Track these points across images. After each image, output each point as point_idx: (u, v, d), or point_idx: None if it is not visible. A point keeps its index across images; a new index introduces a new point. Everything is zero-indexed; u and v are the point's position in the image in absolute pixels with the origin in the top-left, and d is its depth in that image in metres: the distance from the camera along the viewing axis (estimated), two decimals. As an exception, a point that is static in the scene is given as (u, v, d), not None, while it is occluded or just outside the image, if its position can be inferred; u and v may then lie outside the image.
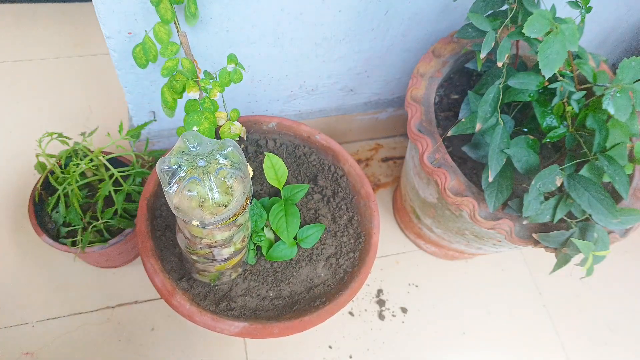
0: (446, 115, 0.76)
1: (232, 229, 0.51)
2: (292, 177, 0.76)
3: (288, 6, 0.67)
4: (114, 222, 0.74)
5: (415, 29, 0.81)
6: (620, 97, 0.52)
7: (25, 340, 0.81)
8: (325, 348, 0.86)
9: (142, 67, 0.60)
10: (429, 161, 0.66)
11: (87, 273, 0.88)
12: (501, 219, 0.62)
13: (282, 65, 0.79)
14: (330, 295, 0.65)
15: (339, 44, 0.78)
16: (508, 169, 0.61)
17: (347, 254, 0.70)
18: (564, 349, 0.92)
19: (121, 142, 0.80)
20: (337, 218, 0.73)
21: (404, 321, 0.91)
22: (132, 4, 0.59)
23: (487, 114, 0.60)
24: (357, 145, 1.10)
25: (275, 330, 0.60)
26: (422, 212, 0.83)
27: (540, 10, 0.52)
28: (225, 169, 0.42)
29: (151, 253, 0.63)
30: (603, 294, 0.99)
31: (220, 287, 0.66)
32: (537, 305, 0.96)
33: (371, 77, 0.91)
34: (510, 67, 0.62)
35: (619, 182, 0.55)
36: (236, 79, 0.63)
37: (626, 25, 0.97)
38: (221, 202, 0.42)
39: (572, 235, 0.59)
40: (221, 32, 0.68)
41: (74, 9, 1.19)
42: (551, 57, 0.52)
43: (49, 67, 1.10)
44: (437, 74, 0.73)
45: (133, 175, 0.75)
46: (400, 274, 0.96)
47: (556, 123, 0.61)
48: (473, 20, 0.59)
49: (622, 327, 0.96)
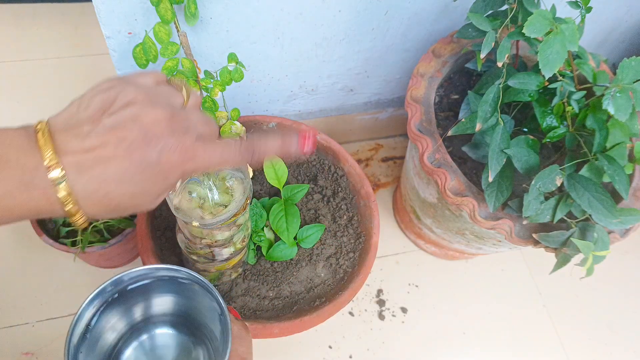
0: (446, 115, 0.76)
1: (232, 229, 0.51)
2: (292, 177, 0.76)
3: (288, 6, 0.67)
4: (114, 222, 0.74)
5: (415, 29, 0.81)
6: (620, 97, 0.52)
7: (25, 340, 0.81)
8: (325, 348, 0.86)
9: (142, 67, 0.60)
10: (429, 161, 0.66)
11: (87, 273, 0.88)
12: (501, 219, 0.62)
13: (282, 65, 0.79)
14: (330, 295, 0.65)
15: (339, 44, 0.78)
16: (508, 169, 0.61)
17: (347, 254, 0.70)
18: (564, 349, 0.92)
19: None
20: (337, 218, 0.73)
21: (404, 321, 0.91)
22: (132, 4, 0.59)
23: (487, 114, 0.60)
24: (357, 145, 1.10)
25: (275, 330, 0.60)
26: (422, 212, 0.83)
27: (540, 10, 0.52)
28: (225, 170, 0.42)
29: (151, 253, 0.63)
30: (603, 294, 0.99)
31: (220, 287, 0.66)
32: (537, 305, 0.96)
33: (371, 77, 0.91)
34: (510, 67, 0.62)
35: (619, 182, 0.55)
36: (237, 77, 0.63)
37: (626, 25, 0.97)
38: (221, 202, 0.42)
39: (572, 235, 0.59)
40: (221, 32, 0.68)
41: (74, 9, 1.19)
42: (551, 57, 0.52)
43: (49, 67, 1.10)
44: (437, 74, 0.73)
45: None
46: (400, 274, 0.96)
47: (556, 123, 0.61)
48: (473, 20, 0.59)
49: (622, 327, 0.96)
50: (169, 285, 0.48)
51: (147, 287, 0.47)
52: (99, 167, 0.31)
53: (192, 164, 0.34)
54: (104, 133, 0.31)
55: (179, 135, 0.33)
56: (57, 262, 0.88)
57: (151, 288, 0.48)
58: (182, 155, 0.33)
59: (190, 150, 0.34)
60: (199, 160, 0.34)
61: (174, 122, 0.33)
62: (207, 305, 0.46)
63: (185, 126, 0.34)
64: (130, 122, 0.32)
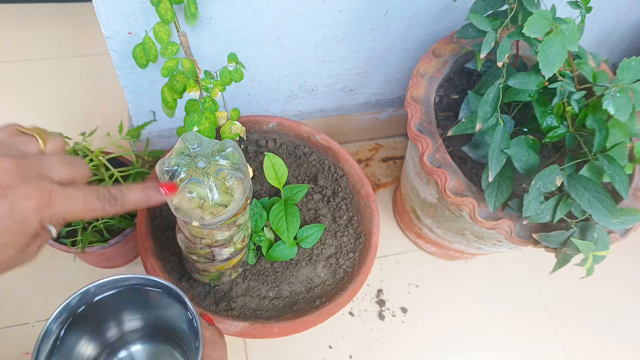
0: (446, 115, 0.76)
1: (232, 229, 0.51)
2: (292, 177, 0.76)
3: (288, 6, 0.67)
4: (114, 222, 0.74)
5: (415, 29, 0.81)
6: (620, 97, 0.52)
7: (25, 340, 0.81)
8: (325, 348, 0.86)
9: (142, 67, 0.60)
10: (429, 161, 0.66)
11: (87, 273, 0.88)
12: (501, 219, 0.62)
13: (282, 65, 0.79)
14: (330, 295, 0.65)
15: (339, 44, 0.78)
16: (508, 169, 0.61)
17: (347, 254, 0.70)
18: (564, 349, 0.92)
19: (121, 142, 0.80)
20: (337, 218, 0.73)
21: (404, 321, 0.91)
22: (132, 4, 0.59)
23: (487, 114, 0.60)
24: (357, 145, 1.10)
25: (275, 330, 0.60)
26: (422, 212, 0.83)
27: (540, 10, 0.52)
28: (225, 170, 0.42)
29: (151, 253, 0.63)
30: (603, 294, 0.99)
31: (220, 287, 0.66)
32: (537, 305, 0.96)
33: (371, 77, 0.91)
34: (510, 67, 0.62)
35: (619, 182, 0.55)
36: (237, 77, 0.63)
37: (626, 25, 0.97)
38: (221, 202, 0.42)
39: (572, 235, 0.59)
40: (221, 32, 0.68)
41: (74, 9, 1.19)
42: (551, 57, 0.52)
43: (49, 67, 1.10)
44: (437, 74, 0.73)
45: (133, 175, 0.75)
46: (400, 274, 0.96)
47: (556, 123, 0.61)
48: (473, 20, 0.59)
49: (622, 327, 0.96)
50: (139, 295, 0.46)
51: (117, 299, 0.45)
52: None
53: (51, 210, 0.33)
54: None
55: (32, 181, 0.32)
56: (57, 262, 0.88)
57: (121, 299, 0.46)
58: (36, 202, 0.32)
59: (45, 195, 0.32)
60: (59, 206, 0.33)
61: (25, 169, 0.32)
62: (179, 312, 0.45)
63: (38, 171, 0.33)
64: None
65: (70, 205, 0.34)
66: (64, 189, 0.34)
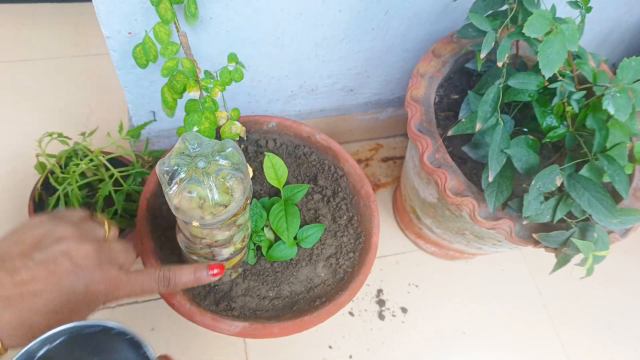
0: (446, 115, 0.76)
1: (232, 229, 0.51)
2: (292, 177, 0.76)
3: (288, 6, 0.67)
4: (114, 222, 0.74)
5: (415, 29, 0.81)
6: (620, 97, 0.52)
7: None
8: (325, 348, 0.86)
9: (142, 67, 0.60)
10: (429, 161, 0.66)
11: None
12: (501, 219, 0.62)
13: (282, 65, 0.79)
14: (330, 295, 0.65)
15: (339, 44, 0.78)
16: (508, 169, 0.61)
17: (347, 254, 0.70)
18: (564, 349, 0.92)
19: (121, 142, 0.80)
20: (337, 218, 0.73)
21: (404, 321, 0.91)
22: (132, 4, 0.59)
23: (487, 114, 0.60)
24: (357, 145, 1.10)
25: (275, 330, 0.60)
26: (422, 212, 0.83)
27: (540, 10, 0.52)
28: (225, 170, 0.42)
29: (151, 253, 0.63)
30: (603, 294, 0.99)
31: (220, 287, 0.66)
32: (537, 305, 0.96)
33: (371, 77, 0.91)
34: (510, 67, 0.62)
35: (619, 182, 0.55)
36: (237, 77, 0.63)
37: (626, 25, 0.97)
38: (221, 202, 0.42)
39: (572, 235, 0.59)
40: (221, 32, 0.68)
41: (74, 9, 1.19)
42: (551, 57, 0.52)
43: (49, 67, 1.10)
44: (437, 74, 0.73)
45: (133, 175, 0.75)
46: (400, 274, 0.96)
47: (556, 123, 0.61)
48: (473, 20, 0.59)
49: (622, 327, 0.96)
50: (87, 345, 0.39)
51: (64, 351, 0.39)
52: (27, 300, 0.32)
53: (115, 294, 0.38)
54: (35, 267, 0.34)
55: (105, 267, 0.37)
56: (57, 262, 0.88)
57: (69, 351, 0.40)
58: (106, 286, 0.37)
59: (114, 281, 0.38)
60: (122, 290, 0.38)
61: (100, 255, 0.38)
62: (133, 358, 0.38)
63: (109, 259, 0.39)
64: (61, 256, 0.35)
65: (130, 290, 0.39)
66: (128, 277, 0.39)
